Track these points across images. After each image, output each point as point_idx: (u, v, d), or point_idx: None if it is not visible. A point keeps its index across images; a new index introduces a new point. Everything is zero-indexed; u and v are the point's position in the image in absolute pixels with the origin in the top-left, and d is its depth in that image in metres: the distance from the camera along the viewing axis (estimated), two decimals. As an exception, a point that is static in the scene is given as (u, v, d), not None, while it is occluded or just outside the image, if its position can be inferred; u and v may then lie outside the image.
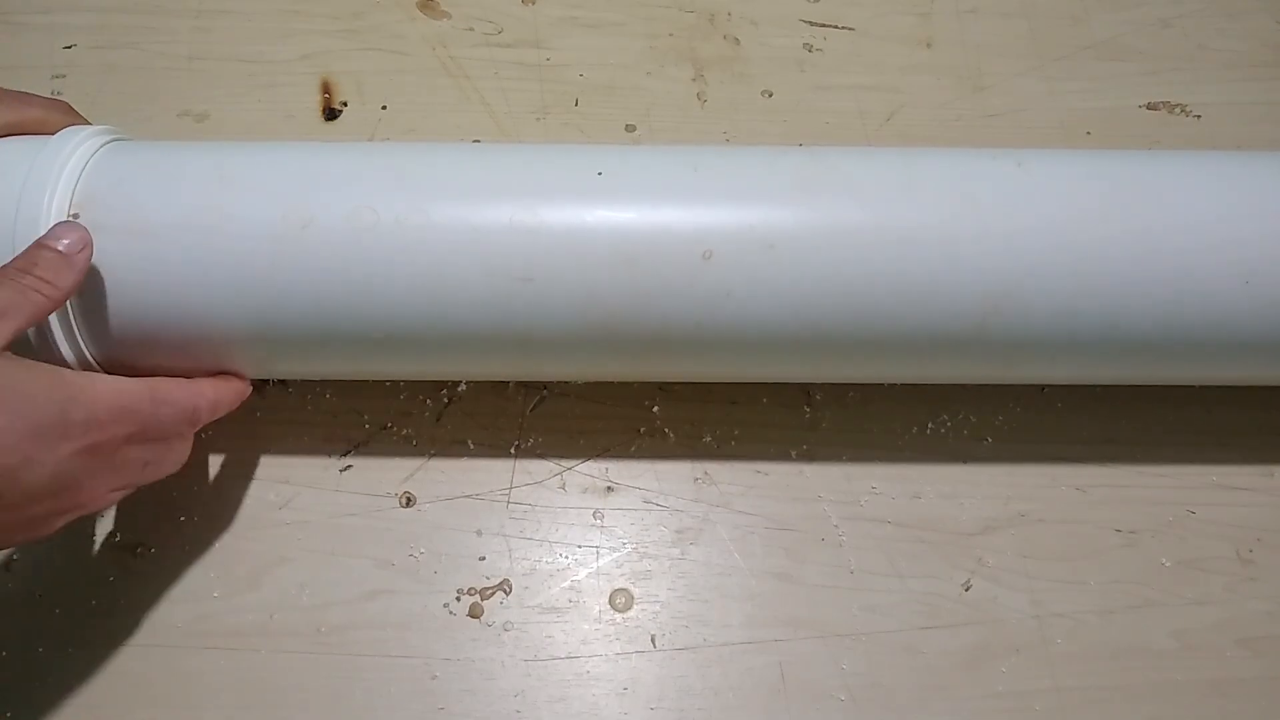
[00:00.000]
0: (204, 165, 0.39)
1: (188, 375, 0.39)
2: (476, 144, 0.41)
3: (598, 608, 0.44)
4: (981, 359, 0.41)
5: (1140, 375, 0.44)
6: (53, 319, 0.37)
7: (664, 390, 0.48)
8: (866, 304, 0.39)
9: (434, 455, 0.46)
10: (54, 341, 0.37)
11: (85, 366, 0.38)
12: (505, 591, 0.44)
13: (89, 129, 0.40)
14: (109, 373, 0.38)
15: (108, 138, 0.40)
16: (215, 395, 0.40)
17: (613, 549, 0.45)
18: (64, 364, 0.37)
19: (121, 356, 0.39)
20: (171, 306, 0.38)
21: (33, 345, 0.37)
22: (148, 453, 0.37)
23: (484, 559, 0.44)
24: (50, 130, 0.41)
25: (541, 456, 0.46)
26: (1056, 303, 0.39)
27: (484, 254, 0.38)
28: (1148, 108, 0.56)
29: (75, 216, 0.37)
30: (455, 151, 0.40)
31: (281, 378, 0.47)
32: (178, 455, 0.39)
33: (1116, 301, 0.39)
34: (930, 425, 0.48)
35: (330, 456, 0.46)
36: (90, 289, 0.37)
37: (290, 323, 0.39)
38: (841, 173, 0.40)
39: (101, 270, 0.37)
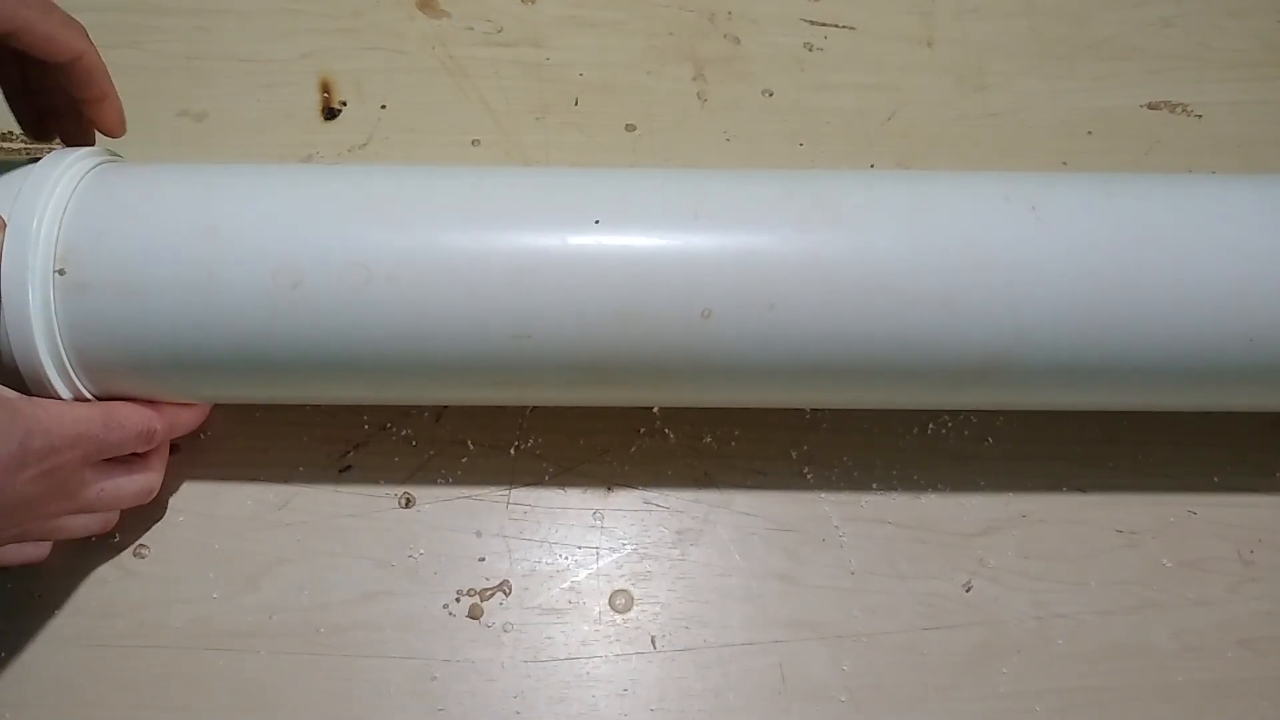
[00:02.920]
0: (190, 212, 0.37)
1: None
2: (473, 173, 0.40)
3: (598, 609, 0.44)
4: (982, 399, 0.42)
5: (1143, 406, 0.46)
6: (49, 365, 0.37)
7: (664, 390, 0.48)
8: (867, 362, 0.39)
9: (434, 455, 0.46)
10: (49, 380, 0.37)
11: (79, 398, 0.39)
12: (505, 592, 0.44)
13: (70, 157, 0.38)
14: (100, 399, 0.39)
15: (93, 163, 0.39)
16: (172, 417, 0.41)
17: (613, 550, 0.45)
18: (56, 396, 0.38)
19: (114, 394, 0.39)
20: (161, 362, 0.38)
21: (24, 379, 0.37)
22: (103, 477, 0.38)
23: (483, 560, 0.44)
24: (55, 52, 0.38)
25: (541, 457, 0.46)
26: (1059, 357, 0.39)
27: (479, 312, 0.37)
28: (1149, 107, 0.56)
29: (61, 273, 0.36)
30: (449, 188, 0.39)
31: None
32: (142, 485, 0.40)
33: (1123, 359, 0.39)
34: (931, 426, 0.48)
35: (330, 456, 0.46)
36: (83, 342, 0.37)
37: (281, 378, 0.39)
38: (847, 219, 0.38)
39: (91, 326, 0.37)
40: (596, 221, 0.38)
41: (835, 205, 0.39)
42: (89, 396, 0.39)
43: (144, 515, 0.44)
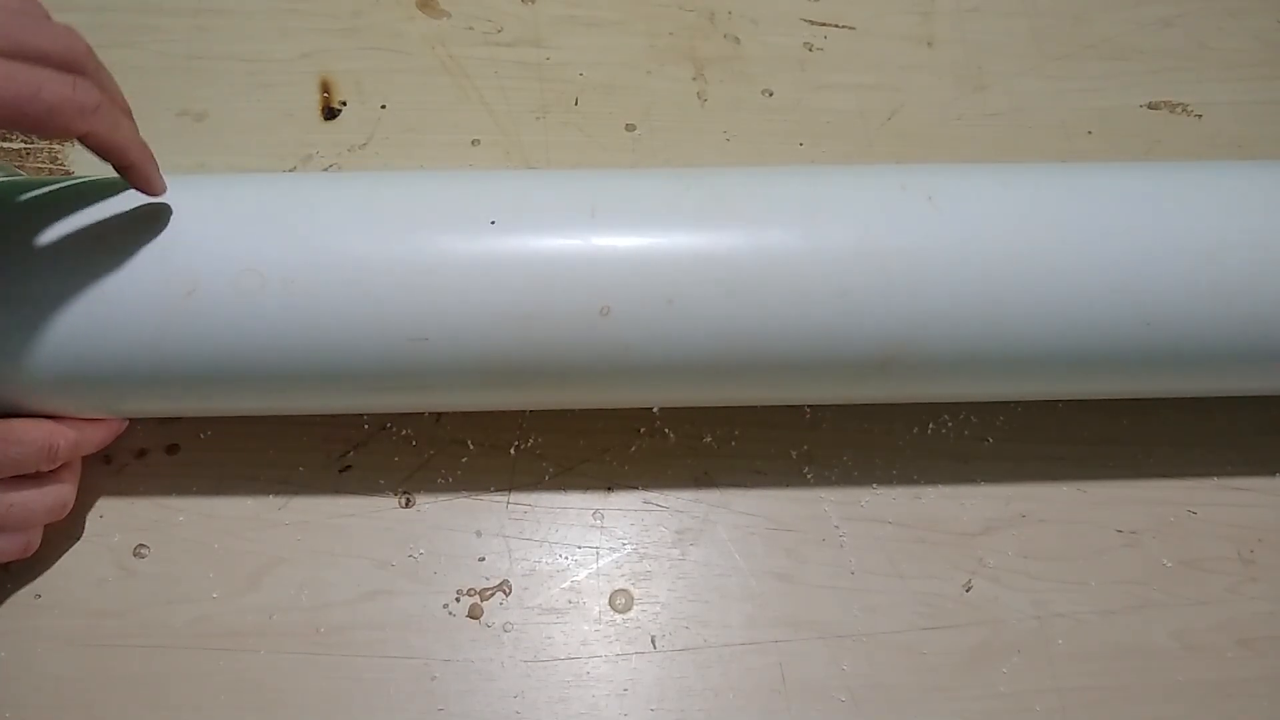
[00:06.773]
0: (80, 225, 0.37)
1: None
2: (369, 179, 0.40)
3: (597, 609, 0.44)
4: (885, 391, 0.42)
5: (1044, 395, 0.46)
6: None
7: (664, 390, 0.48)
8: (764, 355, 0.39)
9: (434, 455, 0.46)
10: None
11: None
12: (505, 592, 0.44)
13: None
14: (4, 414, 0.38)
15: None
16: (77, 434, 0.40)
17: (612, 549, 0.45)
18: None
19: (12, 410, 0.39)
20: (57, 374, 0.37)
21: None
22: (10, 493, 0.38)
23: (483, 559, 0.44)
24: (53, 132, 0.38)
25: (541, 457, 0.46)
26: (959, 346, 0.39)
27: (376, 317, 0.37)
28: (1149, 107, 0.56)
29: None
30: (343, 193, 0.39)
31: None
32: (55, 498, 0.40)
33: (1021, 347, 0.39)
34: (931, 425, 0.48)
35: (330, 456, 0.46)
36: None
37: (181, 389, 0.39)
38: (742, 214, 0.39)
39: None
40: (493, 222, 0.38)
41: (731, 198, 0.39)
42: None
43: (144, 515, 0.44)
